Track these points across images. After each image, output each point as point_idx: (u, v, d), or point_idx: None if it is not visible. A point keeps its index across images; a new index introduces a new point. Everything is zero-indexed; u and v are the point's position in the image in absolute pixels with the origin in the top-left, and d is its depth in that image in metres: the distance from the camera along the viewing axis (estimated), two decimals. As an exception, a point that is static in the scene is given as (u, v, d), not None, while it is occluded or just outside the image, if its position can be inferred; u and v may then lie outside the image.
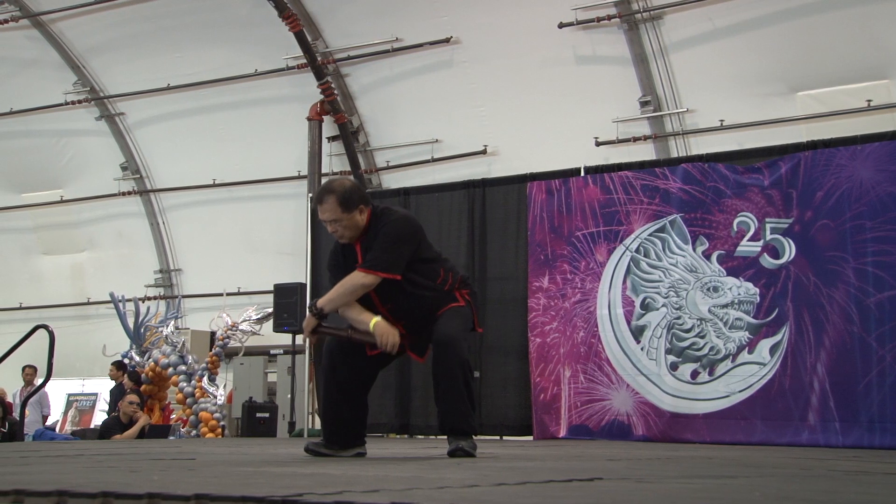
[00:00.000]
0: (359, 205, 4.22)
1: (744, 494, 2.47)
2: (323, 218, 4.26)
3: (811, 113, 10.20)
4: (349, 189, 4.24)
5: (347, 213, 4.19)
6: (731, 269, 7.36)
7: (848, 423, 6.74)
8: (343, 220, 4.20)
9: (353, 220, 4.21)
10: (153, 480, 2.64)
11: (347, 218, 4.20)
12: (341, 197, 4.19)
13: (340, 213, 4.19)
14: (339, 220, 4.20)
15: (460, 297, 4.36)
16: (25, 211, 15.70)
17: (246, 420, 10.75)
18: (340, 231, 4.24)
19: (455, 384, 4.19)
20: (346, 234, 4.25)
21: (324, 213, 4.23)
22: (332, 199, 4.19)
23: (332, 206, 4.19)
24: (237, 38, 13.07)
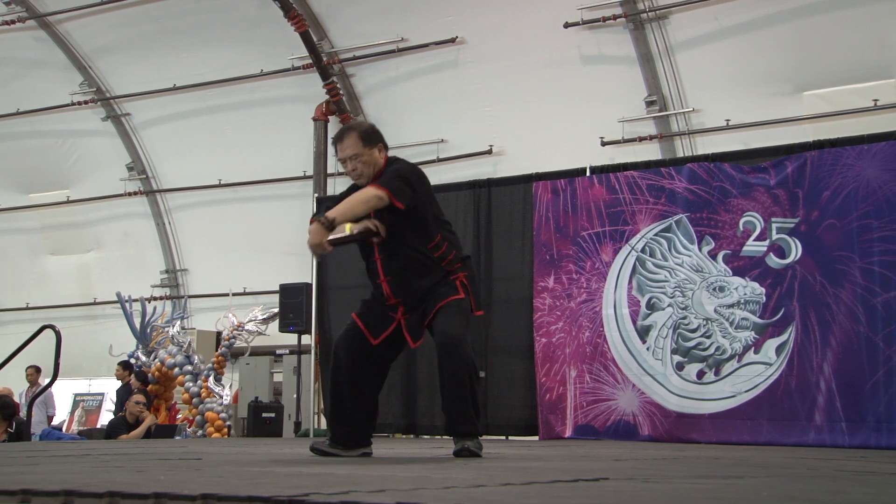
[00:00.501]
0: (378, 143, 4.26)
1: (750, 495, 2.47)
2: (342, 155, 4.25)
3: (817, 112, 10.17)
4: (369, 126, 4.31)
5: (368, 147, 4.22)
6: (737, 269, 7.34)
7: (855, 423, 6.72)
8: (363, 155, 4.21)
9: (372, 156, 4.23)
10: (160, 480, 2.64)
11: (367, 153, 4.22)
12: (362, 132, 4.24)
13: (361, 148, 4.20)
14: (359, 155, 4.20)
15: (459, 284, 4.29)
16: (32, 211, 15.74)
17: (252, 420, 10.77)
18: (360, 168, 4.22)
19: (460, 386, 4.18)
20: (364, 173, 4.23)
21: (344, 150, 4.23)
22: (354, 134, 4.23)
23: (354, 140, 4.21)
24: (243, 38, 13.08)
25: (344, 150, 4.24)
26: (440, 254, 4.28)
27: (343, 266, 8.73)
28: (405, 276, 4.25)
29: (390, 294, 4.26)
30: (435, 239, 4.28)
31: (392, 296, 4.26)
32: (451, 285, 4.29)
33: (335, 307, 9.00)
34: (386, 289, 4.26)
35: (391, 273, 4.25)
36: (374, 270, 4.30)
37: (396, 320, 4.29)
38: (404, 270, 4.24)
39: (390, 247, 4.24)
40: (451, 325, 4.22)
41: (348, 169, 4.27)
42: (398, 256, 4.24)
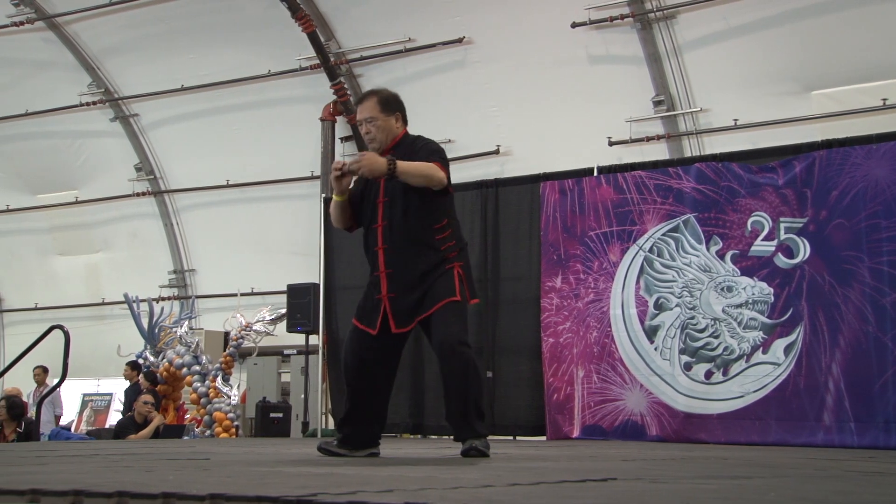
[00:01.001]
0: (396, 111, 4.34)
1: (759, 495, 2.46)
2: (360, 117, 4.34)
3: (826, 112, 10.14)
4: (391, 94, 4.38)
5: (384, 114, 4.29)
6: (746, 269, 7.33)
7: (863, 423, 6.70)
8: (378, 119, 4.28)
9: (388, 123, 4.30)
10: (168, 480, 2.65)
11: (383, 119, 4.28)
12: (382, 98, 4.33)
13: (378, 112, 4.28)
14: (374, 118, 4.27)
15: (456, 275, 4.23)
16: (41, 212, 15.79)
17: (260, 420, 10.79)
18: (373, 132, 4.29)
19: (465, 388, 4.17)
20: (377, 137, 4.29)
21: (362, 112, 4.32)
22: (374, 98, 4.32)
23: (372, 104, 4.30)
24: (250, 39, 13.11)
25: (362, 111, 4.32)
26: (442, 237, 4.26)
27: (351, 266, 8.74)
28: (403, 249, 4.20)
29: (383, 263, 4.20)
30: (442, 222, 4.28)
31: (384, 265, 4.19)
32: (448, 277, 4.23)
33: (343, 307, 9.01)
34: (381, 257, 4.21)
35: (390, 243, 4.22)
36: (374, 238, 4.26)
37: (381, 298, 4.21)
38: (404, 243, 4.20)
39: (397, 216, 4.22)
40: (450, 329, 4.17)
41: (363, 131, 4.33)
42: (402, 228, 4.21)
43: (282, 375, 12.34)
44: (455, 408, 4.22)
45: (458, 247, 4.33)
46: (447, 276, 4.23)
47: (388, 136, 4.30)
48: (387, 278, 4.22)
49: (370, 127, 4.29)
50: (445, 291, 4.21)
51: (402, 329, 4.25)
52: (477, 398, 4.23)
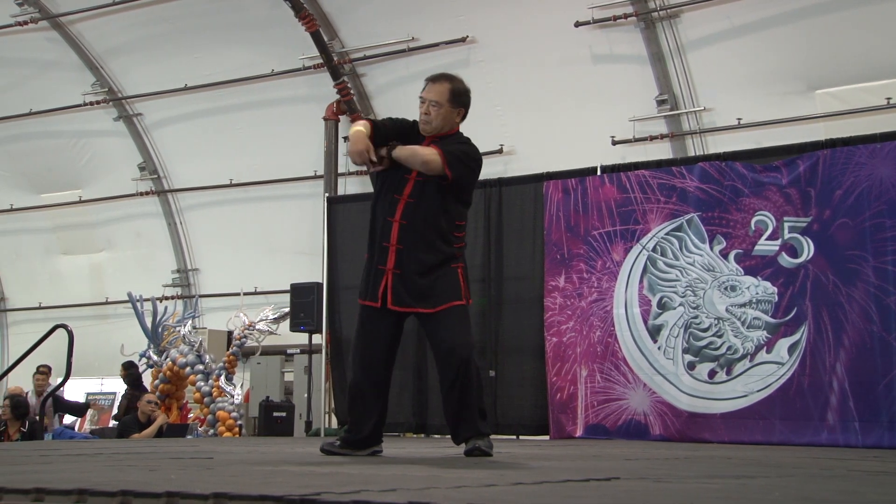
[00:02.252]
0: (462, 106, 4.23)
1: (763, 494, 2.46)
2: (427, 96, 4.21)
3: (830, 111, 10.12)
4: (465, 88, 4.26)
5: (451, 104, 4.20)
6: (749, 269, 7.32)
7: (868, 422, 6.69)
8: (444, 107, 4.18)
9: (449, 114, 4.21)
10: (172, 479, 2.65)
11: (448, 109, 4.20)
12: (455, 89, 4.21)
13: (446, 100, 4.19)
14: (440, 104, 4.18)
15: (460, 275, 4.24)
16: (44, 211, 15.81)
17: (263, 419, 10.79)
18: (433, 115, 4.19)
19: (466, 390, 4.15)
20: (433, 122, 4.20)
21: (430, 93, 4.20)
22: (448, 85, 4.21)
23: (444, 90, 4.19)
24: (254, 38, 13.11)
25: (430, 92, 4.20)
26: (458, 244, 4.26)
27: (354, 265, 8.74)
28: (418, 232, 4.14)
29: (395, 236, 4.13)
30: (463, 220, 4.29)
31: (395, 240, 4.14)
32: (452, 276, 4.21)
33: (346, 307, 9.01)
34: (395, 229, 4.14)
35: (408, 219, 4.14)
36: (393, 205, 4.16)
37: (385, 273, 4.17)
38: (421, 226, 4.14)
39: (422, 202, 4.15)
40: (455, 332, 4.16)
41: (422, 109, 4.21)
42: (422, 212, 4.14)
43: (285, 375, 12.35)
44: (457, 410, 4.21)
45: (464, 246, 4.36)
46: (452, 276, 4.22)
47: (444, 126, 4.22)
48: (395, 252, 4.16)
49: (432, 109, 4.18)
50: (451, 294, 4.19)
51: (398, 307, 4.18)
52: (479, 400, 4.23)
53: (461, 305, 4.22)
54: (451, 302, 4.19)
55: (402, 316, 4.28)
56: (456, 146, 4.21)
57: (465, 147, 4.24)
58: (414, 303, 4.18)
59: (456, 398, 4.18)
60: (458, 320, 4.20)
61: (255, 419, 11.47)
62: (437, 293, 4.18)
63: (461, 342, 4.16)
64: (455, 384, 4.16)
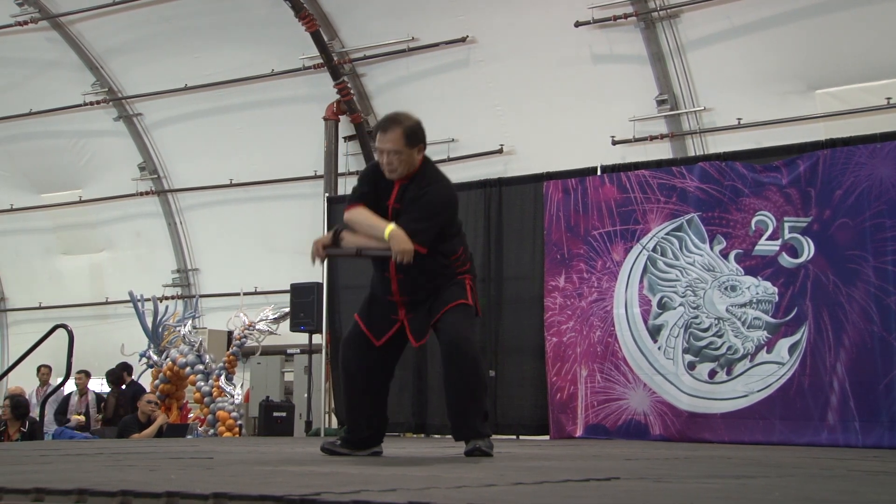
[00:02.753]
0: (419, 143, 4.17)
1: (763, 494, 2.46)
2: (382, 147, 4.12)
3: (830, 111, 10.13)
4: (416, 125, 4.17)
5: (409, 147, 4.12)
6: (749, 269, 7.31)
7: (868, 422, 6.69)
8: (403, 153, 4.11)
9: (411, 156, 4.14)
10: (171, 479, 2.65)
11: (407, 153, 4.12)
12: (408, 129, 4.12)
13: (402, 146, 4.10)
14: (399, 152, 4.10)
15: (468, 287, 4.29)
16: (45, 211, 15.82)
17: (263, 419, 10.79)
18: (395, 164, 4.12)
19: (469, 387, 4.17)
20: (398, 169, 4.14)
21: (385, 143, 4.11)
22: (399, 130, 4.10)
23: (397, 136, 4.10)
24: (254, 38, 13.12)
25: (384, 142, 4.12)
26: (458, 264, 4.30)
27: (354, 265, 8.73)
28: (417, 279, 4.20)
29: (396, 291, 4.22)
30: (458, 252, 4.30)
31: (398, 293, 4.22)
32: (459, 285, 4.28)
33: (346, 306, 9.01)
34: (394, 285, 4.22)
35: (405, 272, 4.18)
36: (386, 263, 4.24)
37: (399, 322, 4.25)
38: (419, 274, 4.19)
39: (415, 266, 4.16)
40: (459, 326, 4.19)
41: (384, 161, 4.16)
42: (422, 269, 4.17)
43: (285, 374, 12.35)
44: (459, 406, 4.22)
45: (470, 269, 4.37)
46: (459, 284, 4.28)
47: (409, 169, 4.17)
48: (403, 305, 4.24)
49: (393, 158, 4.12)
50: (457, 295, 4.25)
51: (423, 341, 4.30)
52: (481, 398, 4.23)
53: (466, 304, 4.25)
54: (456, 300, 4.22)
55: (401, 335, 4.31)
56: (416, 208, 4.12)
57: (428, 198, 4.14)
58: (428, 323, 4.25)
59: (458, 393, 4.19)
60: (462, 315, 4.23)
61: (255, 419, 11.47)
62: (442, 300, 4.23)
63: (465, 337, 4.18)
64: (454, 376, 4.17)
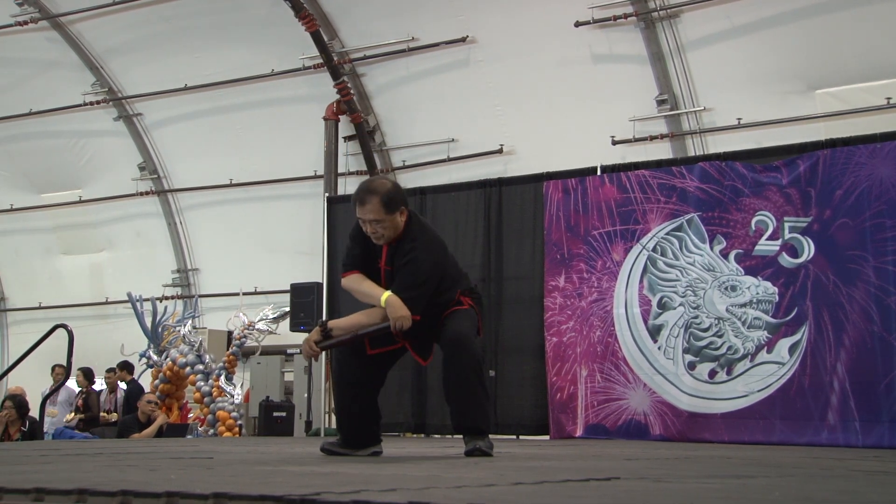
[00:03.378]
0: (400, 206, 4.16)
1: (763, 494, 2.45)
2: (364, 218, 4.15)
3: (830, 111, 10.13)
4: (392, 190, 4.17)
5: (390, 214, 4.12)
6: (750, 269, 7.31)
7: (869, 422, 6.68)
8: (385, 221, 4.12)
9: (394, 221, 4.15)
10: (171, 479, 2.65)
11: (389, 219, 4.13)
12: (385, 197, 4.11)
13: (383, 215, 4.11)
14: (381, 220, 4.12)
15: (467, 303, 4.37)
16: (45, 211, 15.82)
17: (263, 419, 10.80)
18: (380, 232, 4.15)
19: (469, 383, 4.19)
20: (385, 235, 4.17)
21: (366, 214, 4.13)
22: (376, 199, 4.10)
23: (376, 206, 4.10)
24: (254, 38, 13.12)
25: (365, 213, 4.14)
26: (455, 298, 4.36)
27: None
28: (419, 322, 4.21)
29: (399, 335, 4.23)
30: (454, 297, 4.34)
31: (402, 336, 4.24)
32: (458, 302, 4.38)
33: (346, 307, 8.99)
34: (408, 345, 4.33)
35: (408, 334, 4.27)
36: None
37: (399, 343, 4.31)
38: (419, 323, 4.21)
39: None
40: (460, 325, 4.24)
41: (368, 231, 4.18)
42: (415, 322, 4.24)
43: (285, 374, 12.35)
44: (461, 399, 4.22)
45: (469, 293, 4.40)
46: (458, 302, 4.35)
47: (394, 232, 4.18)
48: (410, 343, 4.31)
49: (377, 227, 4.14)
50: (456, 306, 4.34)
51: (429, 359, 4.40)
52: (483, 394, 4.24)
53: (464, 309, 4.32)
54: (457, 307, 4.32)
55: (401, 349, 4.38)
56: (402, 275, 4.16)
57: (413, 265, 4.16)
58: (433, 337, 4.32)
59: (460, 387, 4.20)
60: (463, 317, 4.28)
61: (255, 419, 11.48)
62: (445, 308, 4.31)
63: (465, 335, 4.22)
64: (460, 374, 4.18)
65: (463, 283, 4.42)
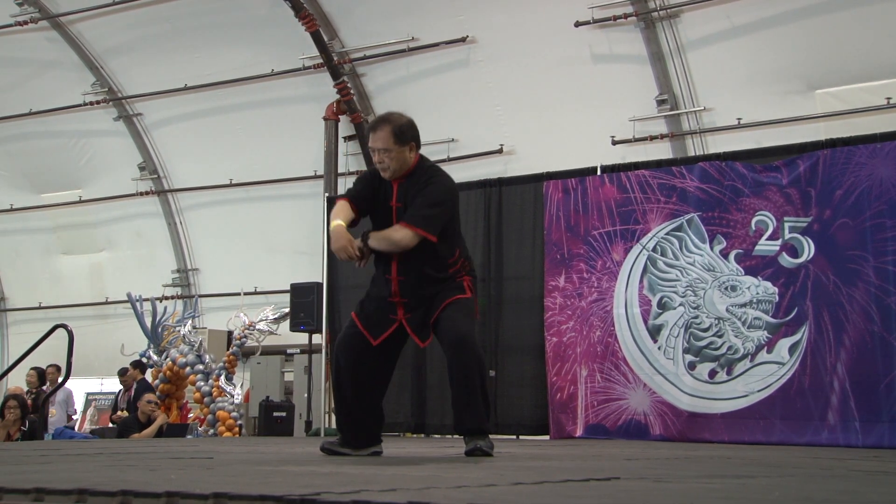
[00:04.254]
0: (410, 142, 4.23)
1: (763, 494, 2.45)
2: (373, 146, 4.24)
3: (830, 111, 10.13)
4: (405, 124, 4.25)
5: (399, 145, 4.19)
6: (750, 269, 7.31)
7: (869, 422, 6.68)
8: (393, 151, 4.19)
9: (402, 154, 4.21)
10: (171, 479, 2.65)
11: (398, 150, 4.20)
12: (396, 128, 4.20)
13: (392, 144, 4.18)
14: (389, 150, 4.19)
15: (467, 286, 4.32)
16: (45, 211, 15.82)
17: (263, 419, 10.80)
18: (387, 163, 4.21)
19: (471, 385, 4.18)
20: (390, 167, 4.22)
21: (375, 142, 4.22)
22: (388, 128, 4.19)
23: (386, 135, 4.18)
24: (254, 38, 13.12)
25: (375, 141, 4.23)
26: (455, 269, 4.31)
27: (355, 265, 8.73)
28: (417, 283, 4.24)
29: (396, 292, 4.25)
30: (454, 254, 4.31)
31: (398, 294, 4.25)
32: (458, 286, 4.31)
33: (346, 306, 9.01)
34: (394, 286, 4.25)
35: (405, 275, 4.24)
36: (388, 265, 4.28)
37: (397, 321, 4.27)
38: (418, 278, 4.24)
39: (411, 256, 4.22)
40: (459, 323, 4.21)
41: (376, 159, 4.26)
42: (416, 263, 4.22)
43: (285, 374, 12.35)
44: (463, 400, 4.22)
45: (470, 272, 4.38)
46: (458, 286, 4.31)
47: (402, 167, 4.23)
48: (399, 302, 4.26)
49: (384, 157, 4.20)
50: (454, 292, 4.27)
51: (427, 341, 4.32)
52: (484, 394, 4.23)
53: (465, 298, 4.27)
54: (456, 296, 4.25)
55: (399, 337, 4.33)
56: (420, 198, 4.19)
57: (431, 188, 4.21)
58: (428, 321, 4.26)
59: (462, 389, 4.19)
60: (461, 311, 4.25)
61: (255, 419, 11.48)
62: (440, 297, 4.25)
63: (467, 334, 4.20)
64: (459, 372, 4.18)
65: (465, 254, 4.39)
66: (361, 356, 4.27)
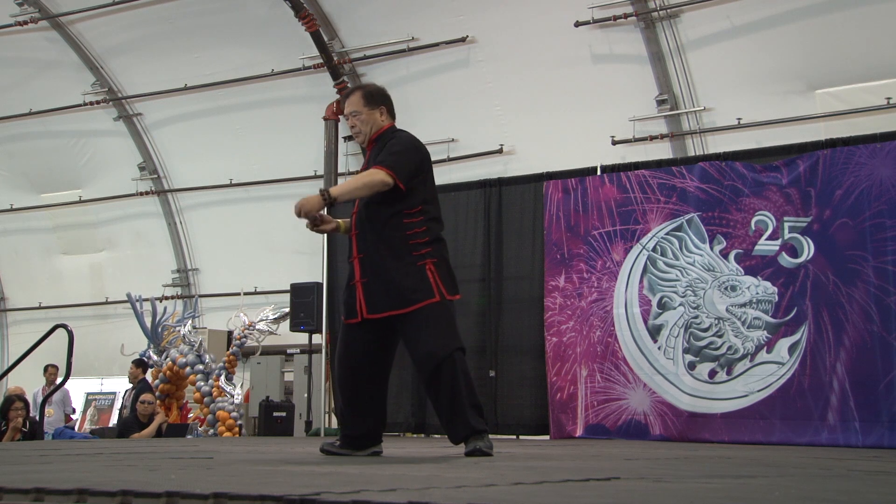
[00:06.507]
0: (381, 105, 4.40)
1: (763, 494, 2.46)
2: (346, 111, 4.43)
3: (830, 111, 10.13)
4: (376, 89, 4.46)
5: (368, 108, 4.36)
6: (749, 269, 7.32)
7: (868, 422, 6.69)
8: (363, 113, 4.35)
9: (372, 116, 4.36)
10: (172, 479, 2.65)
11: (367, 113, 4.35)
12: (366, 92, 4.41)
13: (362, 107, 4.35)
14: (358, 112, 4.35)
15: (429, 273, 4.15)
16: (45, 211, 15.82)
17: (263, 419, 10.80)
18: (358, 126, 4.38)
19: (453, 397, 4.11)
20: (362, 130, 4.37)
21: (348, 106, 4.42)
22: (359, 92, 4.42)
23: (357, 98, 4.39)
24: (254, 38, 13.12)
25: (347, 105, 4.42)
26: (413, 231, 4.18)
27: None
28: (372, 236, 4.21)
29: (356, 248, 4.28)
30: (414, 208, 4.20)
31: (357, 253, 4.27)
32: (420, 273, 4.15)
33: (346, 307, 9.01)
34: (354, 242, 4.31)
35: (364, 251, 4.24)
36: (350, 247, 4.35)
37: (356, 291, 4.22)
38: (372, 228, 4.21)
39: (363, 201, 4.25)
40: (430, 334, 4.12)
41: (349, 125, 4.43)
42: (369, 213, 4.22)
43: (285, 374, 12.35)
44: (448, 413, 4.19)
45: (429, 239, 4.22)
46: (420, 273, 4.16)
47: (371, 129, 4.37)
48: (359, 263, 4.26)
49: (355, 120, 4.38)
50: (422, 292, 4.13)
51: (374, 315, 4.17)
52: (471, 396, 4.17)
53: (435, 303, 4.15)
54: (423, 301, 4.13)
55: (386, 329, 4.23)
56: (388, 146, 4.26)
57: (395, 141, 4.29)
58: (388, 306, 4.15)
59: (444, 400, 4.15)
60: (434, 321, 4.14)
61: (255, 419, 11.48)
62: (407, 292, 4.13)
63: (439, 344, 4.11)
64: (439, 387, 4.13)
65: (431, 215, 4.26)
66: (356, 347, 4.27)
